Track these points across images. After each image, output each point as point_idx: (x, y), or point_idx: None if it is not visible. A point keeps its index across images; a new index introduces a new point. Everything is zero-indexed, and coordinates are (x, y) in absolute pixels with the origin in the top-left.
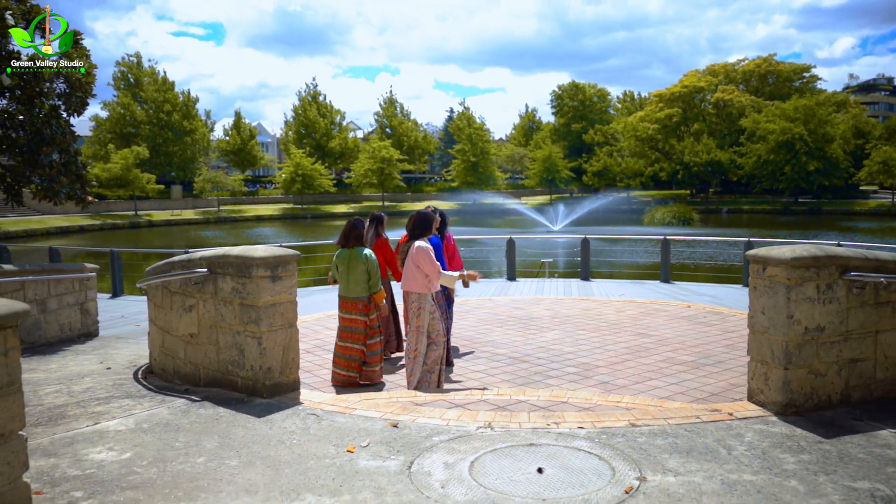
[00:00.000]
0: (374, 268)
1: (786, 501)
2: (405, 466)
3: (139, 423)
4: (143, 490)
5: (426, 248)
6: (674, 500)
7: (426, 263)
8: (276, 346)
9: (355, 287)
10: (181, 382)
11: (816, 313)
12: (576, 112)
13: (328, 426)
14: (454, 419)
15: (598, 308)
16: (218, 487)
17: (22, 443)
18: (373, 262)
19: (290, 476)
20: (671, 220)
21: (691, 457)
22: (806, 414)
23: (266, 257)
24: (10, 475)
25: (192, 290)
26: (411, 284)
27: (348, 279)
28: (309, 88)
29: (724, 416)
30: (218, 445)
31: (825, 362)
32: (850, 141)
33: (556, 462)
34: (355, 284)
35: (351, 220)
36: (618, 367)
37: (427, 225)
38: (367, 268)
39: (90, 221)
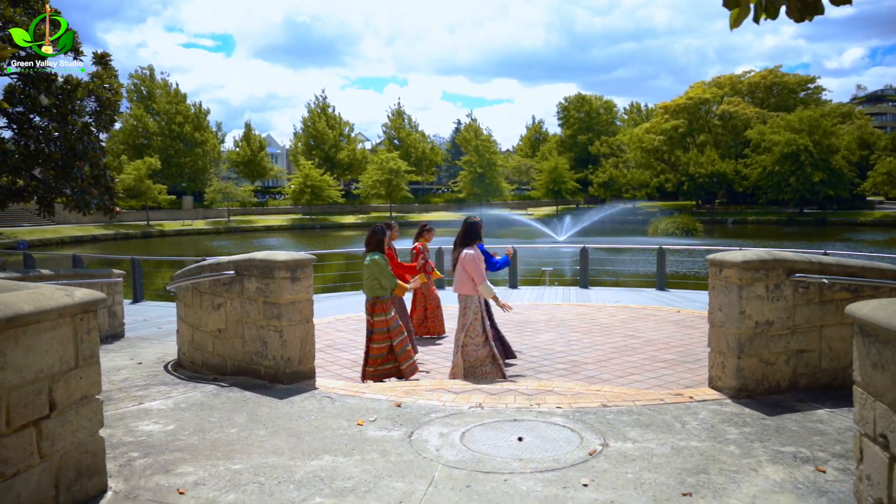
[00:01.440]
0: (380, 271)
1: (721, 461)
2: (406, 435)
3: (177, 404)
4: (188, 451)
5: (473, 255)
6: (629, 460)
7: (472, 269)
8: (295, 339)
9: (374, 288)
10: (209, 372)
11: (765, 309)
12: (582, 124)
13: (341, 406)
14: (450, 401)
15: (593, 313)
16: (250, 450)
17: (99, 404)
18: (380, 265)
19: (309, 442)
20: (675, 230)
21: (650, 429)
22: (757, 397)
23: (287, 261)
24: (91, 429)
25: (221, 290)
26: (461, 287)
27: (365, 283)
28: (318, 100)
29: (685, 399)
30: (247, 420)
31: (774, 352)
32: (856, 152)
33: (535, 433)
34: (366, 287)
35: (372, 227)
36: (604, 364)
37: (474, 233)
38: (372, 272)
39: (103, 231)
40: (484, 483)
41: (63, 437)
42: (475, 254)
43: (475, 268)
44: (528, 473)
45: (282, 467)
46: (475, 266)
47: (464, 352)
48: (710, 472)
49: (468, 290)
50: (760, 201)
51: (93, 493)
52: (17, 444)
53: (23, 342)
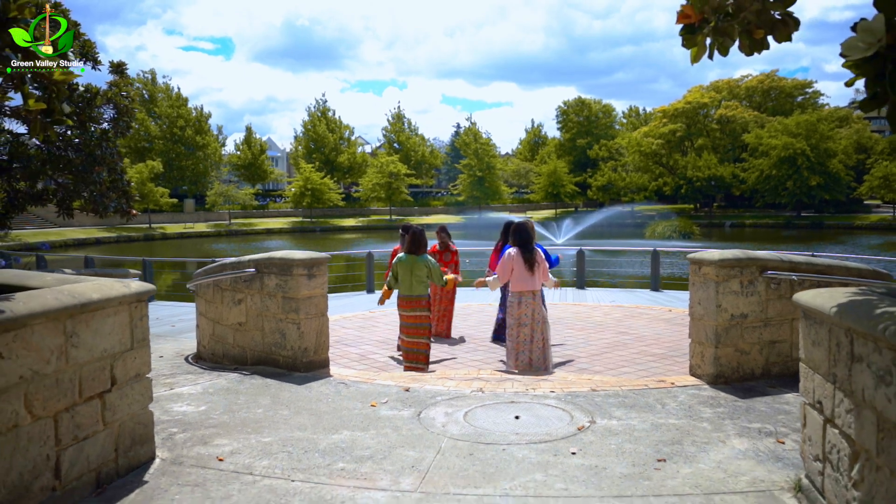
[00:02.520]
0: (435, 270)
1: (694, 434)
2: (415, 414)
3: (206, 389)
4: (221, 428)
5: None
6: (613, 434)
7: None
8: (311, 331)
9: (417, 286)
10: (230, 363)
11: (740, 303)
12: (581, 127)
13: (355, 390)
14: (453, 386)
15: (588, 311)
16: (276, 426)
17: (149, 382)
18: (434, 266)
19: (329, 420)
20: (672, 234)
21: (633, 409)
22: (732, 383)
23: (304, 259)
24: (143, 403)
25: (242, 287)
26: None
27: (411, 281)
28: (318, 104)
29: (667, 385)
30: (271, 402)
31: (748, 343)
32: (852, 156)
33: (530, 412)
34: (418, 284)
35: (414, 231)
36: (596, 357)
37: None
38: (429, 272)
39: (106, 234)
40: (485, 452)
41: (121, 409)
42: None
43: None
44: (524, 444)
45: (306, 440)
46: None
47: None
48: (684, 443)
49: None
50: (758, 205)
51: (144, 459)
52: (87, 412)
53: (91, 325)
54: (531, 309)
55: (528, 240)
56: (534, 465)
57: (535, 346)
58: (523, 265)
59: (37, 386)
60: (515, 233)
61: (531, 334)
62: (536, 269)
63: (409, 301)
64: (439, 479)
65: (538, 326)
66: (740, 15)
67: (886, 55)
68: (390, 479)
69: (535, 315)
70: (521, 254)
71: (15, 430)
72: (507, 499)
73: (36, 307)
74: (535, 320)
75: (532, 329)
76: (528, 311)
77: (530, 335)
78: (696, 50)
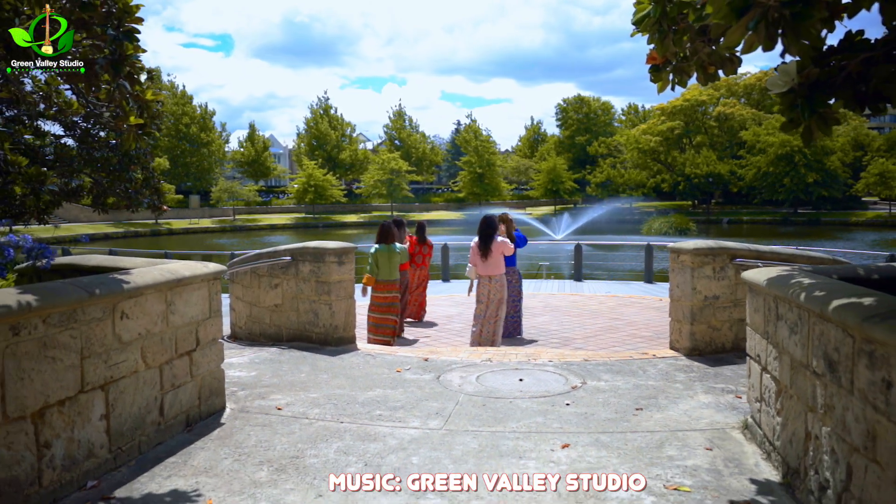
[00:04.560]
0: (406, 256)
1: (668, 392)
2: (435, 377)
3: (252, 360)
4: (273, 387)
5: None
6: (600, 391)
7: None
8: (341, 311)
9: (395, 272)
10: (266, 340)
11: (713, 286)
12: (580, 125)
13: (381, 360)
14: (465, 357)
15: (584, 301)
16: (319, 386)
17: (221, 345)
18: (405, 252)
19: (362, 381)
20: (668, 230)
21: (619, 374)
22: (705, 355)
23: (335, 248)
24: (217, 361)
25: (278, 273)
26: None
27: (390, 267)
28: (321, 102)
29: (649, 356)
30: (311, 369)
31: (720, 320)
32: (850, 153)
33: (532, 377)
34: (395, 270)
35: (383, 224)
36: (591, 338)
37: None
38: (401, 258)
39: (114, 229)
40: (495, 403)
41: (203, 365)
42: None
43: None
44: (527, 398)
45: (346, 396)
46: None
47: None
48: (658, 398)
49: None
50: (756, 201)
51: (218, 408)
52: (180, 365)
53: (183, 296)
54: (487, 290)
55: (485, 232)
56: (535, 412)
57: (486, 321)
58: (478, 254)
59: (148, 342)
60: (479, 226)
61: (485, 311)
62: (490, 257)
63: (388, 284)
64: (459, 421)
65: (493, 306)
66: (695, 56)
67: (798, 90)
68: (420, 422)
69: (490, 295)
70: (478, 244)
71: (135, 374)
72: (514, 433)
73: (148, 280)
74: (490, 300)
75: (486, 307)
76: (484, 291)
77: (484, 311)
78: (661, 84)
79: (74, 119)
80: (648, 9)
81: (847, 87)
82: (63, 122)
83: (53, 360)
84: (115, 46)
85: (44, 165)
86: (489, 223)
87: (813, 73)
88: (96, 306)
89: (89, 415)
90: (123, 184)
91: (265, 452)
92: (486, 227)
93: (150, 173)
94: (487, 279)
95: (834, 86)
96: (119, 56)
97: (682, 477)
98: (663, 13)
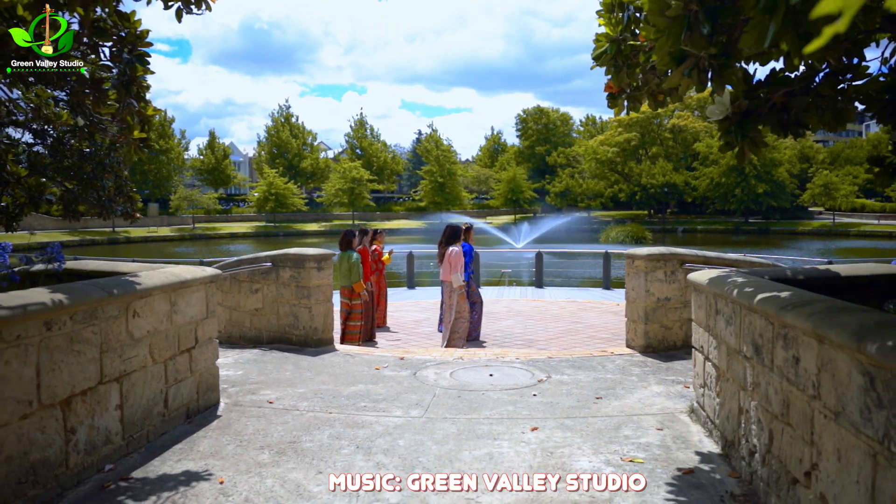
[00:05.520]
0: (355, 266)
1: (624, 383)
2: (412, 374)
3: (237, 360)
4: (261, 384)
5: (457, 251)
6: (564, 384)
7: (453, 262)
8: (320, 314)
9: (342, 279)
10: (246, 344)
11: (664, 289)
12: (540, 135)
13: (360, 359)
14: (439, 356)
15: (546, 306)
16: (305, 383)
17: (216, 344)
18: (354, 261)
19: (344, 378)
20: (625, 238)
21: (580, 369)
22: (659, 352)
23: (315, 254)
24: (213, 359)
25: (258, 278)
26: (447, 276)
27: (339, 273)
28: (282, 110)
29: (608, 354)
30: (294, 367)
31: (671, 320)
32: (797, 165)
33: (501, 372)
34: (343, 277)
35: (343, 231)
36: (553, 340)
37: (456, 235)
38: (349, 266)
39: (69, 237)
40: (469, 395)
41: (200, 362)
42: (458, 250)
43: (456, 260)
44: (497, 391)
45: (331, 391)
46: (456, 259)
47: (455, 325)
48: (616, 388)
49: (450, 279)
50: (709, 211)
51: (213, 402)
52: (182, 361)
53: (185, 298)
54: (446, 294)
55: (442, 240)
56: (505, 402)
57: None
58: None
59: (155, 339)
60: None
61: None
62: (444, 263)
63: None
64: (438, 410)
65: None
66: (646, 87)
67: (731, 118)
68: (402, 411)
69: (448, 300)
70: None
71: (144, 369)
72: (488, 419)
73: (156, 282)
74: (447, 304)
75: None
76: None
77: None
78: (617, 109)
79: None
80: (606, 47)
81: (772, 115)
82: (34, 130)
83: (78, 353)
84: (128, 68)
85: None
86: (445, 231)
87: (743, 104)
88: (113, 305)
89: (107, 404)
90: (96, 192)
91: (264, 439)
92: (442, 236)
93: (123, 181)
94: (445, 284)
95: (761, 114)
96: (130, 77)
97: (636, 451)
98: (618, 51)
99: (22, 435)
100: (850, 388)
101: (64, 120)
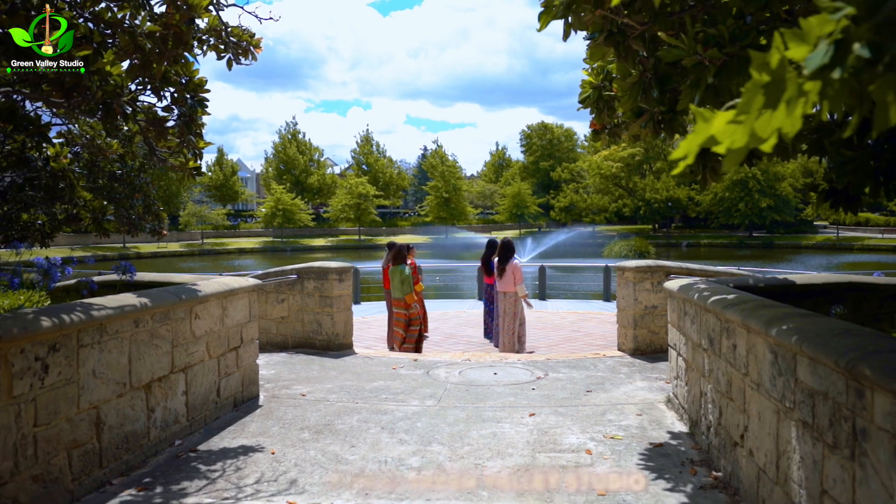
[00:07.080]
0: (408, 279)
1: (612, 379)
2: (425, 372)
3: (267, 362)
4: (292, 381)
5: (518, 263)
6: (559, 380)
7: (519, 274)
8: (341, 321)
9: (395, 291)
10: (273, 348)
11: (651, 297)
12: (544, 150)
13: (378, 361)
14: (448, 358)
15: (548, 316)
16: (331, 380)
17: (257, 344)
18: (407, 275)
19: (366, 376)
20: (628, 253)
21: (574, 369)
22: (646, 354)
23: (337, 267)
24: (254, 357)
25: (284, 289)
26: (509, 286)
27: (393, 286)
28: (289, 126)
29: (600, 356)
30: (319, 368)
31: (658, 326)
32: (800, 179)
33: (504, 371)
34: (395, 290)
35: (396, 247)
36: (553, 347)
37: (512, 248)
38: (401, 278)
39: (82, 253)
40: (476, 389)
41: (245, 359)
42: (519, 263)
43: (520, 273)
44: (501, 386)
45: (355, 386)
46: (519, 272)
47: (520, 331)
48: (605, 383)
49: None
50: (713, 226)
51: (254, 395)
52: (231, 358)
53: (233, 303)
54: (502, 305)
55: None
56: (507, 394)
57: (500, 331)
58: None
59: (211, 338)
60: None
61: (501, 322)
62: (506, 275)
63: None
64: (449, 400)
65: (504, 318)
66: (624, 125)
67: None
68: (418, 401)
69: (505, 309)
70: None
71: (202, 363)
72: (492, 408)
73: (212, 290)
74: (505, 313)
75: (503, 319)
76: (501, 306)
77: (501, 323)
78: (600, 143)
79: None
80: (589, 93)
81: None
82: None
83: (156, 346)
84: (189, 111)
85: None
86: (488, 245)
87: None
88: (181, 308)
89: (176, 390)
90: (127, 210)
91: (302, 422)
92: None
93: (152, 201)
94: (502, 294)
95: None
96: (190, 118)
97: (617, 431)
98: (599, 96)
99: (119, 410)
100: (764, 364)
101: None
